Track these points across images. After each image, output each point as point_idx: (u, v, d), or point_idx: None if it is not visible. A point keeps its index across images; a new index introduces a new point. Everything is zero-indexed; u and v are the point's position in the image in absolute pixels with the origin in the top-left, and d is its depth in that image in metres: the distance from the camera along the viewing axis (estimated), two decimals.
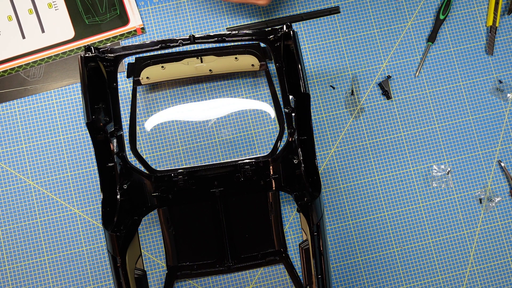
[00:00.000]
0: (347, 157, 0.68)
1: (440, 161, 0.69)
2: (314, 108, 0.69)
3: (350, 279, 0.67)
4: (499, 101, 0.70)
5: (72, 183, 0.66)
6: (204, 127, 0.68)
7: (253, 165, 0.60)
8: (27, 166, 0.66)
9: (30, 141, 0.67)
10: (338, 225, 0.68)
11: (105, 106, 0.55)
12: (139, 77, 0.65)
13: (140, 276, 0.56)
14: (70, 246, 0.66)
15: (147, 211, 0.60)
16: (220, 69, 0.65)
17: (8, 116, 0.67)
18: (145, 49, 0.54)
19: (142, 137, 0.68)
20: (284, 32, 0.54)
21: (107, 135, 0.55)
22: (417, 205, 0.68)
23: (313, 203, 0.52)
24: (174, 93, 0.69)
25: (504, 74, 0.70)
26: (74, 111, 0.68)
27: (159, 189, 0.60)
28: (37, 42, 0.67)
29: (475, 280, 0.67)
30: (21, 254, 0.65)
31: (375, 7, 0.71)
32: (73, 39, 0.68)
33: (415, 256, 0.68)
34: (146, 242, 0.66)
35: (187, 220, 0.64)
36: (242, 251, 0.65)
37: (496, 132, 0.70)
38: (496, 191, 0.69)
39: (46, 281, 0.65)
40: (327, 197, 0.68)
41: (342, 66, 0.70)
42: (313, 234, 0.52)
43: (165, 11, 0.69)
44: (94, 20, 0.68)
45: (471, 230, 0.68)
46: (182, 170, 0.59)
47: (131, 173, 0.58)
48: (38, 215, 0.66)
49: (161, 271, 0.66)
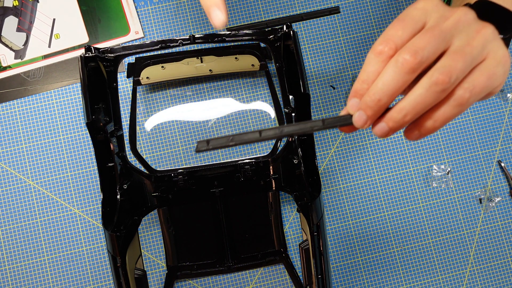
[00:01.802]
0: (347, 157, 0.68)
1: (440, 161, 0.69)
2: (314, 108, 0.69)
3: (350, 279, 0.67)
4: (499, 101, 0.70)
5: (72, 183, 0.66)
6: (204, 127, 0.68)
7: (253, 165, 0.60)
8: (27, 166, 0.66)
9: (30, 141, 0.67)
10: (338, 225, 0.68)
11: (105, 106, 0.55)
12: (139, 77, 0.65)
13: (140, 276, 0.56)
14: (70, 246, 0.66)
15: (147, 211, 0.60)
16: (220, 69, 0.65)
17: (8, 116, 0.67)
18: (145, 49, 0.54)
19: (142, 137, 0.68)
20: (284, 32, 0.54)
21: (107, 135, 0.55)
22: (417, 205, 0.68)
23: (313, 203, 0.52)
24: (174, 93, 0.69)
25: None
26: (74, 111, 0.68)
27: (159, 189, 0.60)
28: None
29: (475, 280, 0.68)
30: (21, 254, 0.65)
31: (375, 7, 0.71)
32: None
33: (415, 256, 0.68)
34: (146, 242, 0.66)
35: (187, 220, 0.64)
36: (242, 251, 0.65)
37: (496, 132, 0.70)
38: (496, 191, 0.69)
39: (46, 281, 0.65)
40: (327, 197, 0.68)
41: (342, 66, 0.70)
42: (313, 234, 0.52)
43: (165, 11, 0.69)
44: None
45: (471, 230, 0.68)
46: (182, 170, 0.59)
47: (131, 173, 0.58)
48: (38, 215, 0.66)
49: (161, 271, 0.66)
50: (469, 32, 0.32)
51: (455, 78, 0.30)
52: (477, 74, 0.32)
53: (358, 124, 0.33)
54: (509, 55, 0.33)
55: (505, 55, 0.32)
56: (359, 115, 0.33)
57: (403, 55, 0.30)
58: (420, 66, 0.31)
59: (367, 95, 0.32)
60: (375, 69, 0.32)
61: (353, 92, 0.33)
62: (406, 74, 0.31)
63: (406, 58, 0.30)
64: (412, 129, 0.34)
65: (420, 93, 0.31)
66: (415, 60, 0.30)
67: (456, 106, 0.32)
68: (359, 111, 0.33)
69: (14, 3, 0.68)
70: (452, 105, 0.32)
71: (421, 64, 0.31)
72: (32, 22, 0.68)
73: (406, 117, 0.32)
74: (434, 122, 0.32)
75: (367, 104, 0.32)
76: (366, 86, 0.32)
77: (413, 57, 0.30)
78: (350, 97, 0.33)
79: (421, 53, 0.30)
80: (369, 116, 0.32)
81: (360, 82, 0.33)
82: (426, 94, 0.31)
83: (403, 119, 0.32)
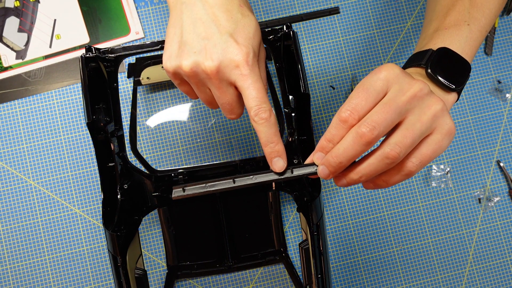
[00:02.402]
0: None
1: (439, 161, 0.69)
2: (314, 108, 0.69)
3: (350, 279, 0.67)
4: (498, 102, 0.70)
5: (73, 183, 0.67)
6: (204, 127, 0.68)
7: (253, 165, 0.60)
8: (28, 165, 0.67)
9: (31, 141, 0.67)
10: (338, 225, 0.68)
11: (105, 106, 0.55)
12: (140, 77, 0.65)
13: (141, 275, 0.56)
14: (71, 246, 0.66)
15: (147, 211, 0.60)
16: None
17: (9, 116, 0.67)
18: (146, 49, 0.54)
19: (142, 137, 0.68)
20: (284, 32, 0.54)
21: (107, 135, 0.55)
22: (417, 205, 0.68)
23: (313, 203, 0.52)
24: (174, 93, 0.69)
25: (503, 74, 0.71)
26: (75, 111, 0.68)
27: (160, 189, 0.60)
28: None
29: (474, 280, 0.68)
30: (22, 254, 0.66)
31: (375, 7, 0.71)
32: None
33: (415, 256, 0.68)
34: (146, 242, 0.67)
35: (187, 220, 0.64)
36: (242, 251, 0.65)
37: (495, 132, 0.70)
38: (495, 191, 0.69)
39: (47, 281, 0.65)
40: (327, 197, 0.68)
41: (342, 66, 0.70)
42: (313, 234, 0.52)
43: (165, 12, 0.69)
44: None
45: (470, 229, 0.68)
46: (182, 170, 0.59)
47: (131, 173, 0.58)
48: (38, 215, 0.66)
49: (161, 271, 0.66)
50: (422, 107, 0.37)
51: (403, 153, 0.36)
52: (425, 148, 0.37)
53: (322, 175, 0.39)
54: (454, 127, 0.38)
55: (450, 128, 0.37)
56: (323, 170, 0.39)
57: (363, 128, 0.36)
58: (376, 139, 0.36)
59: (330, 156, 0.38)
60: (339, 133, 0.37)
61: (319, 147, 0.39)
62: (363, 146, 0.36)
63: (365, 132, 0.35)
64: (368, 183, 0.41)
65: (373, 162, 0.37)
66: (372, 135, 0.35)
67: (405, 175, 0.38)
68: (323, 166, 0.39)
69: (16, 4, 0.68)
70: (402, 175, 0.38)
71: (377, 137, 0.36)
72: (33, 22, 0.68)
73: (362, 178, 0.38)
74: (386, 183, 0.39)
75: (330, 163, 0.38)
76: (331, 145, 0.38)
77: (371, 132, 0.35)
78: (316, 151, 0.39)
79: (378, 129, 0.35)
80: (331, 172, 0.39)
81: (325, 141, 0.38)
82: (378, 164, 0.37)
83: (359, 179, 0.39)
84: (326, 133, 0.38)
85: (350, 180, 0.39)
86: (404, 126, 0.36)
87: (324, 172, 0.39)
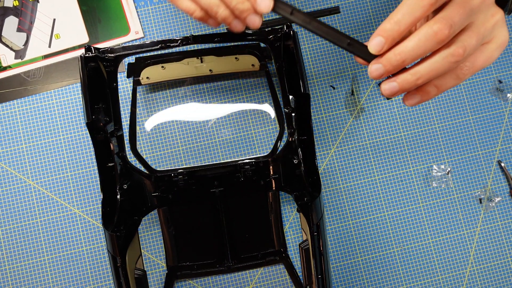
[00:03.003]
0: (347, 157, 0.68)
1: (440, 161, 0.69)
2: (314, 108, 0.69)
3: (350, 279, 0.67)
4: (499, 101, 0.70)
5: (72, 183, 0.66)
6: (204, 127, 0.68)
7: (253, 165, 0.60)
8: (27, 166, 0.66)
9: (30, 141, 0.67)
10: (338, 225, 0.68)
11: (105, 106, 0.55)
12: (139, 77, 0.65)
13: (140, 276, 0.56)
14: (70, 246, 0.66)
15: (147, 211, 0.60)
16: (220, 69, 0.65)
17: (8, 116, 0.67)
18: (145, 49, 0.54)
19: (142, 137, 0.68)
20: (284, 32, 0.54)
21: (107, 135, 0.55)
22: (417, 205, 0.68)
23: (313, 203, 0.52)
24: (174, 93, 0.69)
25: (504, 74, 0.70)
26: (74, 111, 0.68)
27: (159, 189, 0.60)
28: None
29: (475, 280, 0.68)
30: (21, 254, 0.65)
31: (375, 7, 0.71)
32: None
33: (415, 256, 0.68)
34: (146, 242, 0.66)
35: (187, 220, 0.64)
36: (242, 251, 0.65)
37: (496, 132, 0.70)
38: (496, 191, 0.69)
39: (46, 281, 0.65)
40: (327, 197, 0.68)
41: (342, 66, 0.70)
42: (313, 234, 0.52)
43: (165, 11, 0.69)
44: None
45: (471, 230, 0.68)
46: (182, 170, 0.59)
47: (131, 173, 0.58)
48: (38, 215, 0.66)
49: (161, 271, 0.66)
50: (487, 14, 0.35)
51: (467, 53, 0.34)
52: (479, 55, 0.36)
53: (373, 74, 0.35)
54: (508, 39, 0.36)
55: (505, 40, 0.36)
56: (377, 68, 0.34)
57: (439, 24, 0.32)
58: (448, 39, 0.33)
59: (392, 53, 0.34)
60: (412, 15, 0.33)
61: (381, 31, 0.34)
62: (437, 44, 0.33)
63: (442, 29, 0.32)
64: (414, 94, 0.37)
65: (436, 60, 0.34)
66: (448, 33, 0.32)
67: (456, 78, 0.36)
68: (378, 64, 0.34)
69: (15, 3, 0.68)
70: (453, 78, 0.36)
71: (450, 37, 0.33)
72: (32, 22, 0.68)
73: (419, 80, 0.34)
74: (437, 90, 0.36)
75: (391, 61, 0.34)
76: (397, 28, 0.33)
77: (448, 30, 0.32)
78: (376, 35, 0.34)
79: (454, 28, 0.33)
80: (387, 71, 0.34)
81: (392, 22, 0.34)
82: (441, 62, 0.34)
83: (415, 82, 0.34)
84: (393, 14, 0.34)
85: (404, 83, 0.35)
86: (471, 29, 0.34)
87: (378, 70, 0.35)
